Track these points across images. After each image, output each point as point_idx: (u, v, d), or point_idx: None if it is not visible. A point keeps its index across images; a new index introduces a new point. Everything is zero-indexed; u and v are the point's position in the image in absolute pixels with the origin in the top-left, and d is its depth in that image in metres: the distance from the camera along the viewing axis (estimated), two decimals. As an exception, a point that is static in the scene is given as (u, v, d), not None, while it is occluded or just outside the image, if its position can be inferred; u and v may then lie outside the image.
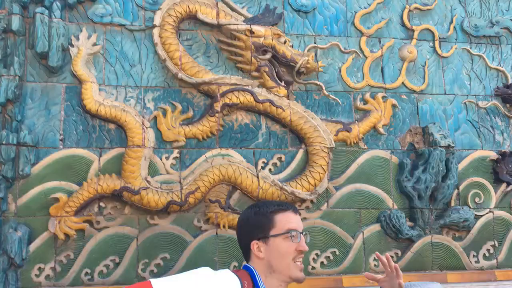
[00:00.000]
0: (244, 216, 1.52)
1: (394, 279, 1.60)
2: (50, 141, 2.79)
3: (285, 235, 1.47)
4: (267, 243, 1.45)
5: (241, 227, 1.50)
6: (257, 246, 1.43)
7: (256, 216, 1.48)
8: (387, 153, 3.18)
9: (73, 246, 2.73)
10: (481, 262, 3.17)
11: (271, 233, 1.46)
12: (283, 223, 1.49)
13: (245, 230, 1.48)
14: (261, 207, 1.55)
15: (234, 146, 3.01)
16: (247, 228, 1.48)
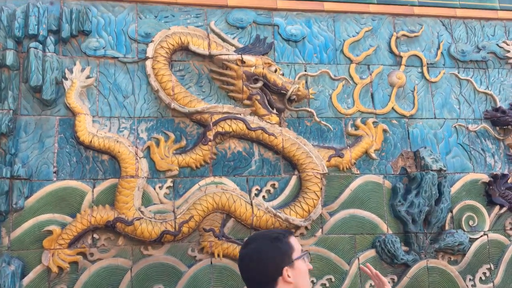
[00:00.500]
0: (260, 249, 1.48)
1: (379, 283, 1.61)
2: (44, 174, 2.80)
3: (303, 256, 1.52)
4: (293, 267, 1.47)
5: (261, 260, 1.45)
6: (287, 272, 1.44)
7: (276, 244, 1.48)
8: (380, 177, 3.20)
9: (66, 279, 2.70)
10: (477, 286, 3.16)
11: (294, 257, 1.48)
12: (297, 246, 1.55)
13: (272, 261, 1.45)
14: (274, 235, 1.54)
15: (228, 174, 3.02)
16: (272, 258, 1.46)
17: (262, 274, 1.46)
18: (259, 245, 1.51)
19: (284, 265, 1.46)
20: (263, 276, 1.46)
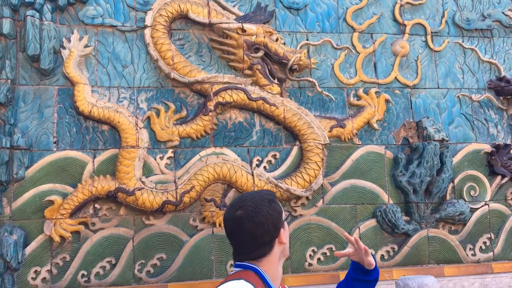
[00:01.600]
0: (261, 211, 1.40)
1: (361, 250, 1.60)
2: (44, 144, 2.79)
3: (287, 217, 1.51)
4: (284, 228, 1.45)
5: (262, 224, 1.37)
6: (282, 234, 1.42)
7: (274, 205, 1.42)
8: (382, 148, 3.18)
9: (69, 248, 2.72)
10: (477, 255, 3.18)
11: (283, 218, 1.45)
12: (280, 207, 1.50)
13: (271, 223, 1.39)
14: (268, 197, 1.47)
15: (228, 145, 3.01)
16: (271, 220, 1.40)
17: (261, 238, 1.40)
18: (258, 207, 1.42)
19: (280, 226, 1.44)
20: (262, 239, 1.40)
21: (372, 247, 3.03)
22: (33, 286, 2.65)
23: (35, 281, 2.65)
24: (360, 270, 1.60)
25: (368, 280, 1.60)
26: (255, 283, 1.31)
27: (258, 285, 1.31)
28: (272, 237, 1.40)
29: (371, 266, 1.58)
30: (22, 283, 2.64)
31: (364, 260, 1.58)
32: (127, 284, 2.73)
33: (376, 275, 1.62)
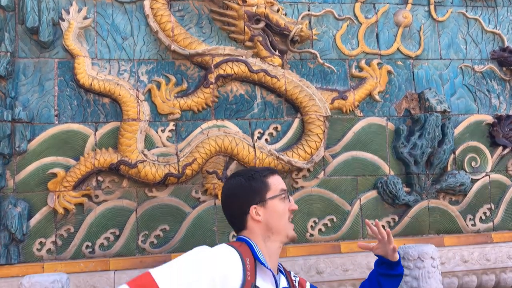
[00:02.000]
0: (234, 185, 1.48)
1: (387, 245, 1.61)
2: (45, 117, 2.79)
3: (280, 196, 1.49)
4: (265, 206, 1.46)
5: (234, 196, 1.46)
6: (256, 211, 1.44)
7: (250, 182, 1.47)
8: (383, 120, 3.17)
9: (73, 220, 2.75)
10: (477, 225, 3.21)
11: (268, 196, 1.46)
12: (276, 185, 1.51)
13: (241, 198, 1.46)
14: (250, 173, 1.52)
15: (230, 117, 3.00)
16: (242, 195, 1.46)
17: (234, 211, 1.48)
18: (234, 182, 1.51)
19: (253, 203, 1.45)
20: (234, 212, 1.48)
21: (372, 218, 3.06)
22: (38, 257, 2.69)
23: (40, 252, 2.69)
24: (386, 264, 1.63)
25: (394, 275, 1.63)
26: (244, 253, 1.33)
27: (246, 255, 1.33)
28: (241, 213, 1.42)
29: (395, 258, 1.60)
30: (28, 254, 2.68)
31: (389, 253, 1.61)
32: (131, 254, 2.77)
33: (401, 270, 1.65)
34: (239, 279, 1.30)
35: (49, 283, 1.78)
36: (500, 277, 3.09)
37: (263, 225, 1.45)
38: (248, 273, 1.33)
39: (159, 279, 1.25)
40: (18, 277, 2.59)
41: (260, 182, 1.49)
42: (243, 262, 1.34)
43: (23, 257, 2.67)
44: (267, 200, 1.46)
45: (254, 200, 1.45)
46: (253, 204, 1.45)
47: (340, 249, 2.96)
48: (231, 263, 1.32)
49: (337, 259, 2.91)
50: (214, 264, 1.31)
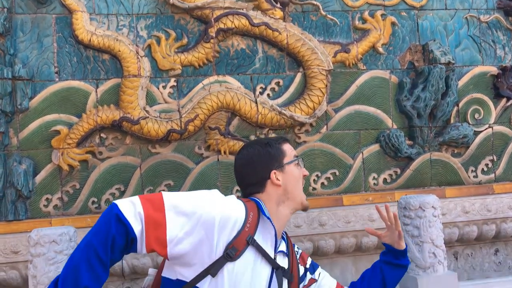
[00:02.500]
0: (252, 153, 1.53)
1: (394, 231, 1.63)
2: (46, 74, 2.77)
3: (295, 161, 1.55)
4: (283, 171, 1.51)
5: (254, 163, 1.51)
6: (275, 175, 1.48)
7: (267, 149, 1.52)
8: (387, 73, 3.14)
9: (78, 176, 2.78)
10: (479, 177, 3.23)
11: (285, 161, 1.52)
12: (290, 152, 1.56)
13: (261, 164, 1.50)
14: (266, 141, 1.58)
15: (231, 73, 2.98)
16: (262, 161, 1.51)
17: (252, 177, 1.52)
18: (250, 150, 1.55)
19: (272, 168, 1.50)
20: (253, 178, 1.51)
21: (375, 171, 3.08)
22: (45, 213, 2.74)
23: (47, 208, 2.74)
24: (392, 253, 1.65)
25: (398, 265, 1.65)
26: (250, 208, 1.37)
27: (251, 210, 1.37)
28: (261, 178, 1.47)
29: (401, 247, 1.63)
30: (35, 211, 2.72)
31: (395, 240, 1.62)
32: (136, 210, 2.82)
33: (407, 262, 1.67)
34: (237, 227, 1.34)
35: (57, 236, 1.82)
36: (500, 227, 3.14)
37: (281, 189, 1.50)
38: (248, 225, 1.36)
39: (165, 194, 1.33)
40: (27, 233, 2.63)
41: (276, 148, 1.54)
42: (247, 214, 1.37)
43: (30, 213, 2.72)
44: (284, 165, 1.51)
45: (273, 165, 1.50)
46: (272, 169, 1.49)
47: (343, 202, 3.00)
48: (236, 211, 1.36)
49: (339, 211, 2.95)
50: (220, 203, 1.36)
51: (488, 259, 3.21)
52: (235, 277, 1.30)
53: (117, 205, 1.29)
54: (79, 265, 1.23)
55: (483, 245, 3.22)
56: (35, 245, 1.80)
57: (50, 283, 1.27)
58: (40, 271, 1.77)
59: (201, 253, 1.29)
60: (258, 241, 1.37)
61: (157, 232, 1.27)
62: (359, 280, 1.67)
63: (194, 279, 1.29)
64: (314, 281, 1.59)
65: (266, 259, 1.39)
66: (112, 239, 1.24)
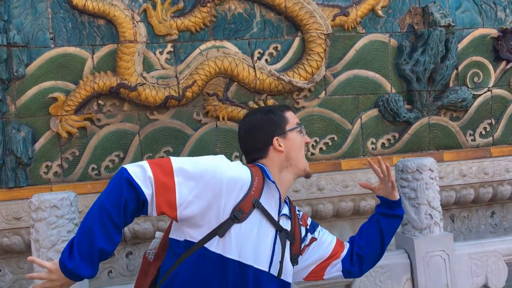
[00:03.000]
0: (255, 120, 1.56)
1: (387, 183, 1.64)
2: (41, 41, 2.74)
3: (297, 129, 1.57)
4: (285, 138, 1.53)
5: (256, 129, 1.54)
6: (278, 142, 1.51)
7: (270, 115, 1.55)
8: (386, 36, 3.10)
9: (77, 143, 2.79)
10: (477, 140, 3.24)
11: (287, 128, 1.54)
12: (292, 119, 1.58)
13: (264, 130, 1.53)
14: (268, 108, 1.62)
15: (229, 38, 2.94)
16: (265, 128, 1.53)
17: (255, 143, 1.54)
18: (254, 117, 1.58)
19: (275, 134, 1.52)
20: (256, 144, 1.54)
21: (373, 136, 3.09)
22: (45, 180, 2.76)
23: (47, 175, 2.76)
24: (386, 204, 1.67)
25: (393, 215, 1.68)
26: (255, 173, 1.40)
27: (256, 175, 1.40)
28: (264, 144, 1.49)
29: (395, 197, 1.66)
30: (35, 177, 2.74)
31: (389, 191, 1.64)
32: (136, 176, 2.84)
33: (401, 212, 1.69)
34: (243, 191, 1.37)
35: (58, 201, 1.83)
36: (497, 189, 3.18)
37: (283, 155, 1.52)
38: (254, 189, 1.40)
39: (173, 159, 1.36)
40: (28, 199, 2.66)
41: (279, 115, 1.55)
42: (252, 179, 1.40)
43: (31, 180, 2.74)
44: (287, 132, 1.53)
45: (276, 132, 1.52)
46: (275, 136, 1.52)
47: (341, 166, 3.02)
48: (242, 175, 1.39)
49: (337, 176, 2.98)
50: (227, 168, 1.38)
51: (484, 221, 3.27)
52: (241, 238, 1.34)
53: (127, 169, 1.32)
54: (93, 227, 1.26)
55: (480, 207, 3.26)
56: (36, 210, 1.82)
57: (66, 245, 1.30)
58: (42, 235, 1.79)
59: (209, 215, 1.33)
60: (263, 204, 1.41)
61: (167, 196, 1.31)
62: (357, 234, 1.71)
63: (202, 240, 1.33)
64: (315, 239, 1.63)
65: (271, 222, 1.43)
66: (124, 203, 1.28)
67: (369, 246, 1.66)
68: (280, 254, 1.44)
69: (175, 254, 1.38)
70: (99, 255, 1.28)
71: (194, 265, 1.33)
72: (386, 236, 1.67)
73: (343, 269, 1.64)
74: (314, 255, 1.62)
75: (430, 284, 2.06)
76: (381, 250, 1.69)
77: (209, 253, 1.33)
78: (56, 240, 1.79)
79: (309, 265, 1.62)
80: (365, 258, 1.65)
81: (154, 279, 1.45)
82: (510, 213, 3.32)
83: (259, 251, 1.39)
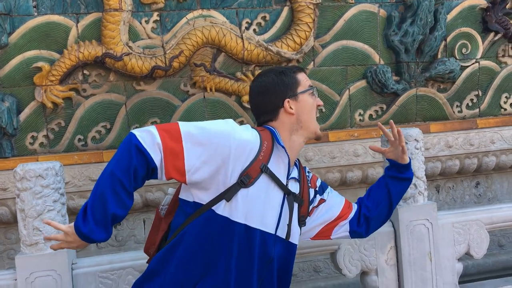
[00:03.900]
0: (266, 81, 1.55)
1: (398, 146, 1.65)
2: (23, 9, 2.68)
3: (309, 91, 1.56)
4: (297, 100, 1.52)
5: (267, 91, 1.53)
6: (289, 104, 1.50)
7: (281, 77, 1.54)
8: (375, 6, 3.08)
9: (62, 114, 2.77)
10: (463, 112, 3.28)
11: (299, 90, 1.53)
12: (304, 81, 1.57)
13: (275, 92, 1.52)
14: (281, 69, 1.59)
15: (216, 7, 2.90)
16: (276, 90, 1.52)
17: (266, 105, 1.54)
18: (265, 79, 1.57)
19: (286, 96, 1.52)
20: (267, 106, 1.54)
21: (361, 107, 3.10)
22: (31, 151, 2.74)
23: (33, 146, 2.74)
24: (395, 167, 1.67)
25: (402, 178, 1.69)
26: (264, 137, 1.41)
27: (265, 139, 1.41)
28: (274, 106, 1.49)
29: (405, 161, 1.66)
30: (21, 148, 2.73)
31: (399, 155, 1.64)
32: (123, 147, 2.83)
33: (410, 175, 1.71)
34: (251, 156, 1.39)
35: (43, 170, 1.82)
36: (482, 160, 3.23)
37: (294, 118, 1.52)
38: (262, 154, 1.41)
39: (181, 124, 1.37)
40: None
41: (290, 77, 1.54)
42: (261, 143, 1.42)
43: (16, 151, 2.72)
44: (298, 94, 1.52)
45: (287, 94, 1.51)
46: (286, 98, 1.51)
47: (328, 138, 3.03)
48: (250, 140, 1.40)
49: (325, 147, 3.00)
50: (235, 132, 1.39)
51: (469, 192, 3.33)
52: (248, 202, 1.37)
53: (136, 135, 1.32)
54: (105, 194, 1.29)
55: (465, 178, 3.33)
56: (21, 179, 1.81)
57: (80, 210, 1.33)
58: (27, 204, 1.79)
59: (217, 179, 1.35)
60: (272, 169, 1.43)
61: (176, 162, 1.32)
62: (365, 195, 1.73)
63: (210, 202, 1.37)
64: (323, 201, 1.65)
65: (279, 186, 1.45)
66: (134, 169, 1.29)
67: (377, 208, 1.68)
68: (287, 217, 1.47)
69: (184, 213, 1.41)
70: (112, 220, 1.31)
71: (202, 226, 1.37)
72: (394, 199, 1.69)
73: (350, 230, 1.68)
74: (322, 216, 1.65)
75: (413, 252, 2.10)
76: (388, 213, 1.71)
77: (216, 215, 1.36)
78: (42, 210, 1.79)
79: (317, 225, 1.65)
80: (372, 220, 1.68)
81: (164, 235, 1.49)
82: (494, 184, 3.39)
83: (266, 214, 1.42)
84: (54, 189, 1.83)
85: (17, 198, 1.84)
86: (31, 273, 1.77)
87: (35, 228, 1.78)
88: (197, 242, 1.37)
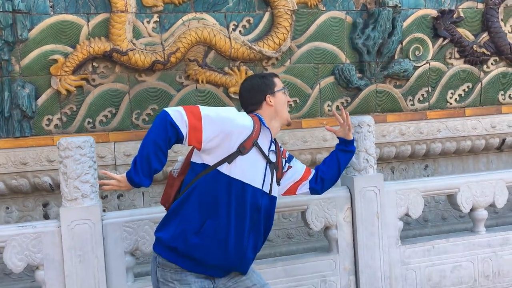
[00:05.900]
0: (253, 82, 2.08)
1: (345, 126, 2.23)
2: (41, 8, 3.08)
3: (282, 90, 2.11)
4: (274, 96, 2.06)
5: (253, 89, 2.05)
6: (269, 99, 2.04)
7: (263, 80, 2.09)
8: (343, 13, 3.58)
9: (74, 100, 3.20)
10: (415, 105, 3.80)
11: (276, 89, 2.08)
12: (279, 83, 2.12)
13: (259, 90, 2.04)
14: (262, 75, 2.18)
15: (208, 10, 3.35)
16: (260, 88, 2.04)
17: (253, 99, 2.07)
18: (252, 81, 2.12)
19: (267, 93, 2.06)
20: (253, 100, 2.07)
21: (329, 99, 3.60)
22: (47, 131, 3.17)
23: (48, 127, 3.17)
24: (344, 143, 2.27)
25: (348, 150, 2.28)
26: (255, 121, 2.00)
27: (256, 123, 2.00)
28: (259, 100, 2.07)
29: (350, 137, 2.25)
30: (38, 129, 3.15)
31: (346, 133, 2.23)
32: (126, 129, 3.28)
33: (353, 148, 2.30)
34: (247, 133, 1.89)
35: (81, 142, 2.28)
36: (430, 146, 3.77)
37: (273, 109, 2.05)
38: (254, 132, 1.92)
39: (201, 108, 1.86)
40: (33, 147, 3.10)
41: (270, 80, 2.10)
42: (254, 125, 1.92)
43: (34, 131, 3.14)
44: (275, 92, 2.07)
45: (268, 91, 2.05)
46: (267, 94, 2.04)
47: (301, 125, 3.53)
48: (247, 123, 1.92)
49: (298, 133, 3.50)
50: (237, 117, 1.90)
51: (419, 173, 3.87)
52: (243, 165, 1.87)
53: (169, 114, 1.81)
54: (150, 155, 1.79)
55: (415, 161, 3.85)
56: (65, 149, 2.26)
57: (131, 165, 1.83)
58: (69, 169, 2.26)
59: (222, 148, 1.84)
60: (259, 144, 1.93)
61: (196, 135, 1.81)
62: (321, 164, 2.29)
63: (216, 164, 1.85)
64: (290, 167, 2.19)
65: (263, 156, 1.96)
66: (168, 139, 1.79)
67: (329, 171, 2.22)
68: (270, 178, 1.98)
69: (195, 172, 1.90)
70: (154, 172, 1.82)
71: (208, 181, 1.85)
72: (341, 165, 2.25)
73: (310, 187, 2.20)
74: (290, 178, 2.17)
75: (365, 212, 2.65)
76: (337, 175, 2.25)
77: (220, 173, 1.84)
78: (80, 173, 2.27)
79: (286, 185, 2.17)
80: (326, 180, 2.22)
81: (177, 190, 1.98)
82: (440, 167, 3.93)
83: (255, 175, 1.91)
84: (89, 157, 2.31)
85: (59, 164, 2.30)
86: (72, 220, 2.26)
87: (75, 187, 2.26)
88: (205, 192, 1.86)
